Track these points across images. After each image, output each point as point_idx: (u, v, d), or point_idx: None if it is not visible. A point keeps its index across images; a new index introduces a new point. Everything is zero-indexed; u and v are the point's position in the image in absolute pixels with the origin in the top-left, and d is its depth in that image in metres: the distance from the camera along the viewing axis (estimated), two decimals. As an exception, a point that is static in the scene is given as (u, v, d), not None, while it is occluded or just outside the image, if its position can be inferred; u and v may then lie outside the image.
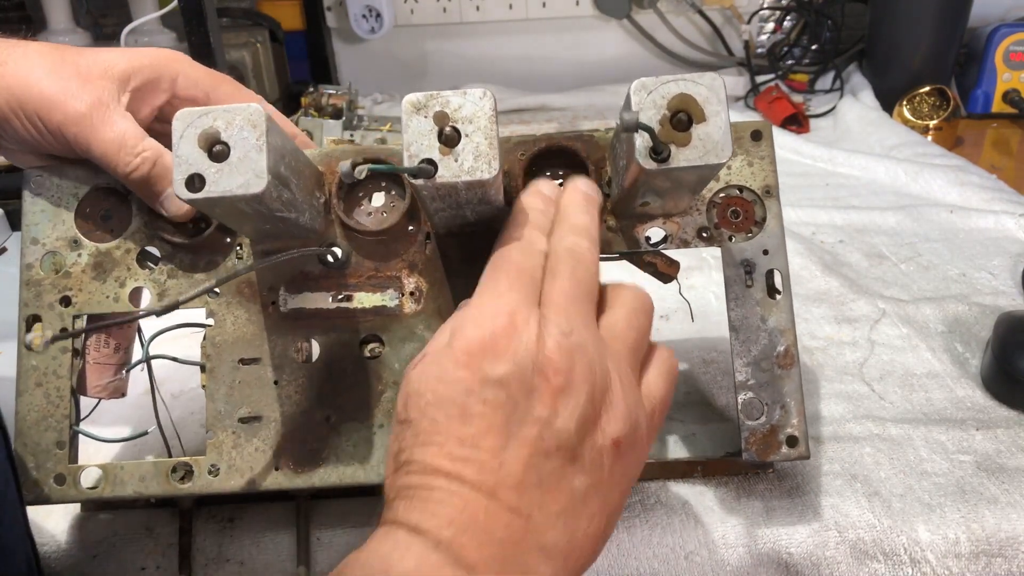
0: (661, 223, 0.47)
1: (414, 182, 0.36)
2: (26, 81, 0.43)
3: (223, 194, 0.35)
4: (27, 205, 0.47)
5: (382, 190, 0.47)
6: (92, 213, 0.47)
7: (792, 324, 0.46)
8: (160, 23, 1.16)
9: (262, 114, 0.36)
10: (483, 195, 0.39)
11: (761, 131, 0.47)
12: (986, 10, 1.25)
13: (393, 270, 0.46)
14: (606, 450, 0.32)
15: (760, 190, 0.46)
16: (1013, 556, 0.46)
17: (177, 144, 0.36)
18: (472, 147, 0.36)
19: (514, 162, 0.46)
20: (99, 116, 0.43)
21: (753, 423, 0.45)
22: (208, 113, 0.36)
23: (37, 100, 0.43)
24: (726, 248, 0.46)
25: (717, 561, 0.47)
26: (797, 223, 0.87)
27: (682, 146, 0.35)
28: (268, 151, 0.36)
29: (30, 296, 0.47)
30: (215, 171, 0.35)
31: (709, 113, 0.35)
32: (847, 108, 1.21)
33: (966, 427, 0.55)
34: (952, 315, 0.67)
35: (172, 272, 0.47)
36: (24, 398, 0.46)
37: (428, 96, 0.36)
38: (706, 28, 1.42)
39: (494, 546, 0.29)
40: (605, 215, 0.46)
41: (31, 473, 0.45)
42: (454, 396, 0.31)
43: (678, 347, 0.64)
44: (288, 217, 0.40)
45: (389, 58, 1.48)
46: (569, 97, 1.37)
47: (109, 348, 0.48)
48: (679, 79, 0.36)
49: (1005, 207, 0.87)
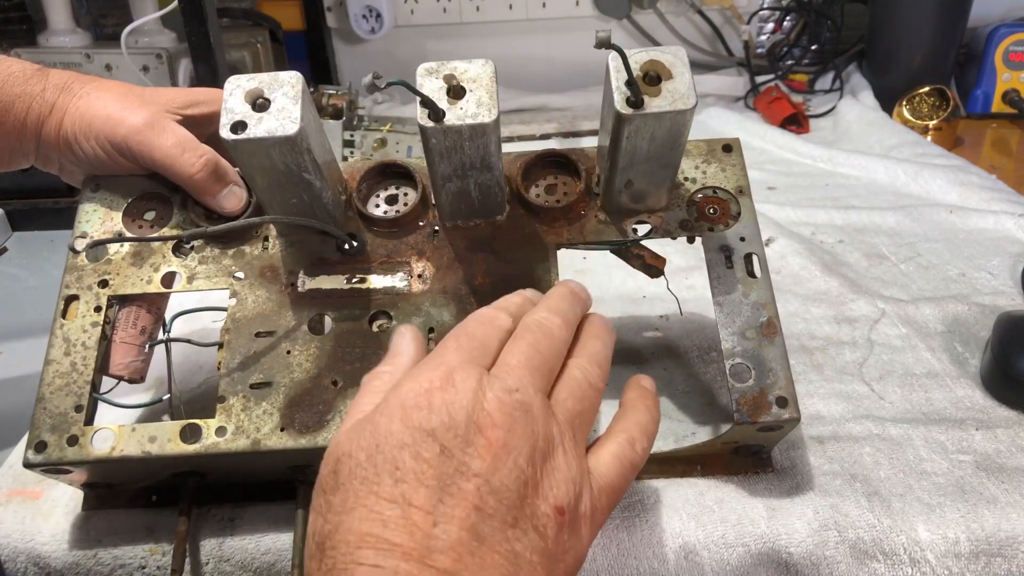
0: (646, 217, 0.51)
1: (425, 125, 0.42)
2: (95, 107, 0.50)
3: (262, 135, 0.43)
4: (82, 207, 0.53)
5: (396, 189, 0.53)
6: (137, 213, 0.53)
7: (772, 299, 0.48)
8: (160, 23, 1.16)
9: (300, 79, 0.44)
10: (485, 151, 0.45)
11: (731, 145, 0.53)
12: (986, 10, 1.25)
13: (403, 256, 0.51)
14: (549, 517, 0.30)
15: (734, 189, 0.52)
16: (1013, 556, 0.46)
17: (227, 100, 0.44)
18: (475, 98, 0.43)
19: (513, 168, 0.51)
20: (159, 127, 0.49)
21: (742, 385, 0.46)
22: (254, 77, 0.44)
23: (103, 120, 0.49)
24: (707, 236, 0.50)
25: (717, 561, 0.47)
26: (797, 223, 0.87)
27: (654, 96, 0.42)
28: (302, 105, 0.43)
29: (71, 279, 0.50)
30: (256, 119, 0.43)
31: (676, 73, 0.43)
32: (847, 108, 1.21)
33: (966, 427, 0.55)
34: (952, 315, 0.67)
35: (203, 259, 0.51)
36: (51, 367, 0.48)
37: (439, 63, 0.44)
38: (706, 28, 1.42)
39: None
40: (596, 211, 0.51)
41: (45, 436, 0.46)
42: (386, 451, 0.29)
43: (677, 347, 0.64)
44: (314, 184, 0.46)
45: (389, 58, 1.48)
46: (569, 97, 1.37)
47: (136, 329, 0.51)
48: (649, 49, 0.44)
49: (1005, 207, 0.87)
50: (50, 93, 0.51)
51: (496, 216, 0.51)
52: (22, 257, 1.00)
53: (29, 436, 0.46)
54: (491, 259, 0.50)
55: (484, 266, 0.50)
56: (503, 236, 0.51)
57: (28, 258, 1.00)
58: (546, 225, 0.51)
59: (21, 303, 0.91)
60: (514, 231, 0.51)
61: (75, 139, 0.50)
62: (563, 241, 0.51)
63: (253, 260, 0.51)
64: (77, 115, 0.50)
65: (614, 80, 0.43)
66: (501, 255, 0.51)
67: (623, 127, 0.43)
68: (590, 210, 0.51)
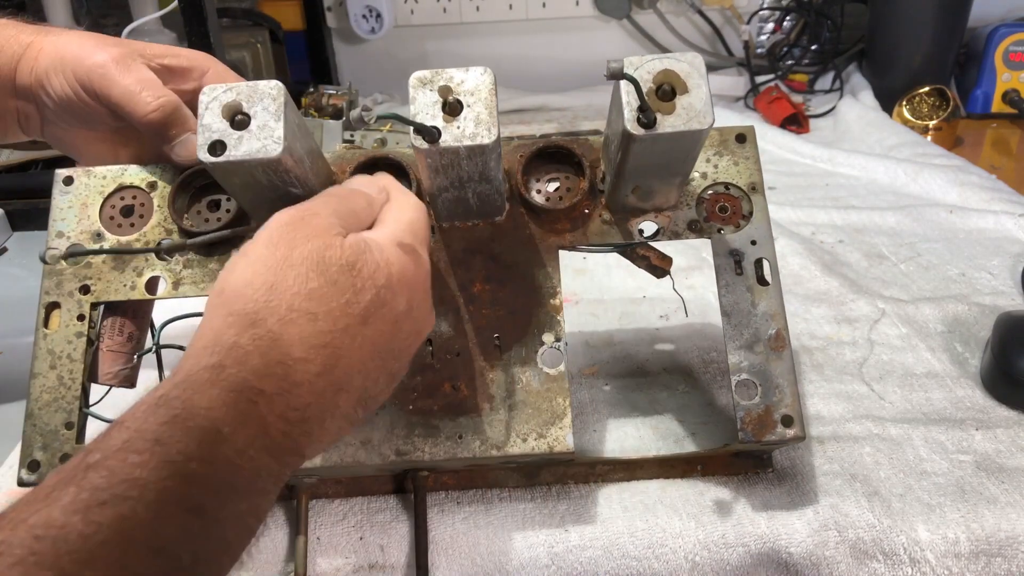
0: (653, 216, 0.48)
1: (419, 147, 0.39)
2: (71, 43, 0.49)
3: (243, 158, 0.39)
4: (55, 201, 0.50)
5: None
6: (116, 209, 0.50)
7: (782, 309, 0.47)
8: (160, 23, 1.16)
9: (281, 89, 0.40)
10: (484, 167, 0.42)
11: (745, 134, 0.50)
12: (986, 10, 1.25)
13: None
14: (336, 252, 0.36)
15: (746, 186, 0.49)
16: (1013, 556, 0.46)
17: (202, 114, 0.39)
18: (473, 115, 0.39)
19: (513, 161, 0.48)
20: (124, 64, 0.48)
21: (748, 403, 0.45)
22: (231, 88, 0.40)
23: (74, 55, 0.48)
24: (716, 239, 0.48)
25: (717, 561, 0.47)
26: (797, 223, 0.87)
27: (667, 114, 0.39)
28: (285, 121, 0.39)
29: (51, 285, 0.49)
30: (236, 138, 0.39)
31: (691, 86, 0.39)
32: (847, 108, 1.21)
33: (966, 427, 0.55)
34: (952, 315, 0.67)
35: (188, 263, 0.49)
36: (38, 380, 0.47)
37: (434, 72, 0.40)
38: (706, 28, 1.42)
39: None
40: (600, 210, 0.49)
41: (37, 454, 0.46)
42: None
43: (678, 347, 0.64)
44: (300, 195, 0.43)
45: (389, 58, 1.48)
46: (569, 97, 1.37)
47: (123, 336, 0.50)
48: (663, 57, 0.39)
49: (1005, 207, 0.87)
50: (25, 35, 0.50)
51: (495, 217, 0.49)
52: (22, 257, 1.00)
53: (21, 454, 0.46)
54: (489, 263, 0.48)
55: (483, 271, 0.48)
56: (502, 237, 0.49)
57: (28, 258, 1.00)
58: (547, 225, 0.49)
59: (21, 303, 0.90)
60: (514, 232, 0.49)
61: (46, 75, 0.49)
62: (565, 243, 0.49)
63: None
64: (52, 50, 0.49)
65: (624, 97, 0.39)
66: (499, 258, 0.48)
67: (631, 145, 0.40)
68: (594, 209, 0.49)
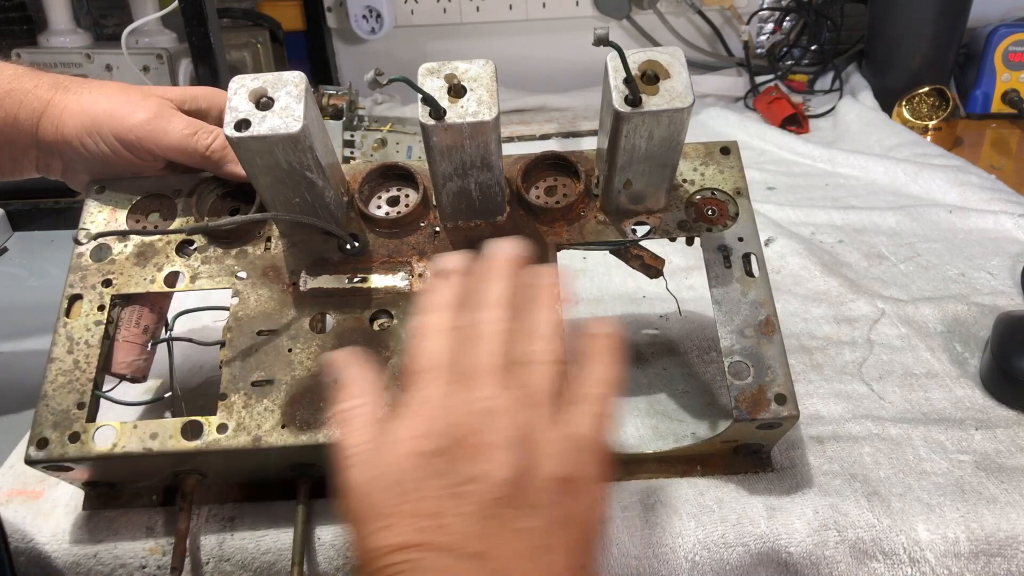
0: (645, 218, 0.52)
1: (427, 123, 0.43)
2: (99, 104, 0.51)
3: (266, 133, 0.43)
4: (88, 207, 0.54)
5: (398, 190, 0.53)
6: (141, 213, 0.54)
7: (771, 298, 0.49)
8: (161, 23, 1.16)
9: (303, 78, 0.45)
10: (485, 150, 0.45)
11: (729, 148, 0.54)
12: (986, 10, 1.25)
13: (405, 256, 0.52)
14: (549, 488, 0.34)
15: (732, 191, 0.52)
16: (1012, 556, 0.46)
17: (231, 98, 0.44)
18: (476, 97, 0.44)
19: (513, 171, 0.52)
20: (166, 116, 0.51)
21: (741, 383, 0.46)
22: (258, 77, 0.45)
23: (108, 116, 0.50)
24: (705, 236, 0.51)
25: (717, 561, 0.47)
26: (796, 223, 0.87)
27: (652, 95, 0.43)
28: (306, 104, 0.44)
29: (76, 279, 0.51)
30: (260, 117, 0.44)
31: (673, 73, 0.44)
32: (846, 108, 1.21)
33: (965, 427, 0.55)
34: (951, 315, 0.67)
35: (206, 259, 0.52)
36: (54, 364, 0.49)
37: (440, 64, 0.45)
38: (706, 28, 1.42)
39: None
40: (596, 211, 0.52)
41: (47, 432, 0.46)
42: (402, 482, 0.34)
43: (677, 346, 0.64)
44: (317, 183, 0.47)
45: (389, 58, 1.48)
46: (569, 97, 1.37)
47: (139, 328, 0.51)
48: (647, 50, 0.44)
49: (1004, 207, 0.87)
50: (44, 90, 0.51)
51: (496, 217, 0.52)
52: (22, 257, 1.00)
53: (31, 433, 0.46)
54: None
55: None
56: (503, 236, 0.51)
57: (28, 258, 1.00)
58: (546, 226, 0.52)
59: (21, 303, 0.90)
60: (514, 231, 0.51)
61: (78, 137, 0.51)
62: (563, 241, 0.51)
63: (256, 260, 0.52)
64: (79, 111, 0.50)
65: (612, 79, 0.44)
66: None
67: (621, 125, 0.44)
68: (589, 211, 0.52)
